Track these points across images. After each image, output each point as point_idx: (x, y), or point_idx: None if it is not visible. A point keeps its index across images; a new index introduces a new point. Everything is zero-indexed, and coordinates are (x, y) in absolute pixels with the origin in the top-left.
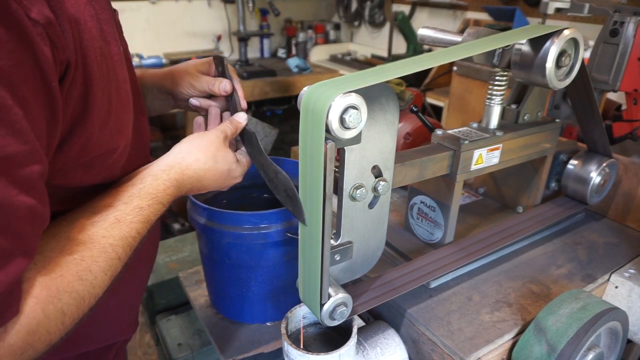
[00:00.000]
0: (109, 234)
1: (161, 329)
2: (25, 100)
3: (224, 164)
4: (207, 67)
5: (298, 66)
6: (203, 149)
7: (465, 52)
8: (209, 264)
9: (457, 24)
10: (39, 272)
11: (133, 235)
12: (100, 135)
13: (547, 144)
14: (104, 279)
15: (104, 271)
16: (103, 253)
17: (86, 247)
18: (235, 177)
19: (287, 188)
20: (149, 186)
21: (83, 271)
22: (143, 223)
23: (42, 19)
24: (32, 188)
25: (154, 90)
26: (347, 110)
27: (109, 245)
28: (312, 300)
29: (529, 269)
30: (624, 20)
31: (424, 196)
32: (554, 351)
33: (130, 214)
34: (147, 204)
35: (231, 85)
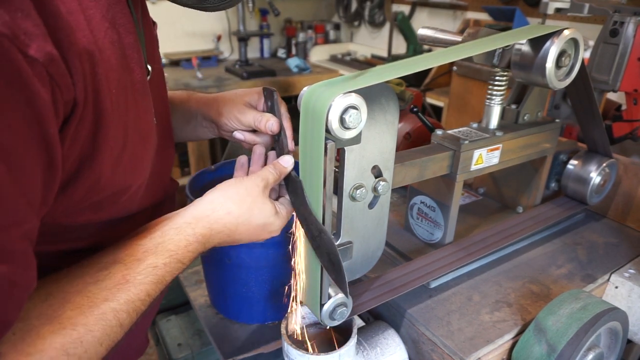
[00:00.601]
0: (112, 297)
1: (161, 329)
2: (13, 151)
3: (260, 218)
4: (256, 98)
5: (298, 66)
6: (238, 199)
7: (465, 52)
8: (209, 264)
9: (457, 24)
10: (15, 347)
11: (142, 299)
12: (111, 174)
13: (547, 144)
14: (98, 351)
15: (100, 342)
16: (101, 320)
17: (82, 313)
18: (272, 232)
19: (330, 252)
20: (169, 241)
21: (71, 344)
22: (155, 284)
23: (43, 56)
24: (11, 253)
25: (199, 116)
26: (347, 110)
27: (110, 311)
28: (312, 300)
29: (529, 269)
30: (624, 20)
31: (424, 196)
32: (554, 351)
33: (142, 274)
34: (164, 262)
35: (279, 124)
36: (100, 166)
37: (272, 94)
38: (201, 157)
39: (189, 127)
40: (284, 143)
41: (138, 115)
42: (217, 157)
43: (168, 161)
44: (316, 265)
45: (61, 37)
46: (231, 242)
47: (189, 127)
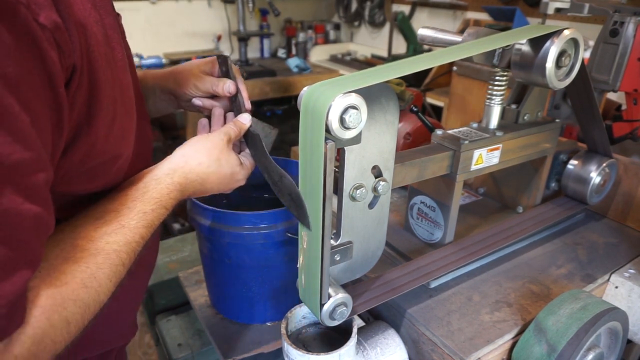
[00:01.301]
0: (113, 240)
1: (161, 329)
2: (32, 106)
3: (227, 167)
4: (211, 66)
5: (298, 66)
6: (206, 152)
7: (465, 52)
8: (209, 264)
9: (457, 24)
10: (44, 281)
11: (137, 241)
12: (104, 141)
13: (547, 144)
14: (108, 286)
15: (109, 278)
16: (107, 259)
17: (90, 253)
18: (238, 180)
19: (291, 192)
20: (153, 190)
21: (88, 278)
22: (147, 228)
23: (50, 23)
24: (37, 196)
25: (157, 90)
26: (347, 110)
27: (113, 252)
28: (312, 300)
29: (529, 269)
30: (624, 20)
31: (424, 196)
32: (554, 351)
33: (134, 219)
34: (151, 208)
35: (235, 86)
36: (96, 132)
37: (226, 60)
38: None
39: (148, 103)
40: (241, 103)
41: (122, 90)
42: None
43: (147, 139)
44: (316, 265)
45: (62, 9)
46: (204, 190)
47: (148, 103)
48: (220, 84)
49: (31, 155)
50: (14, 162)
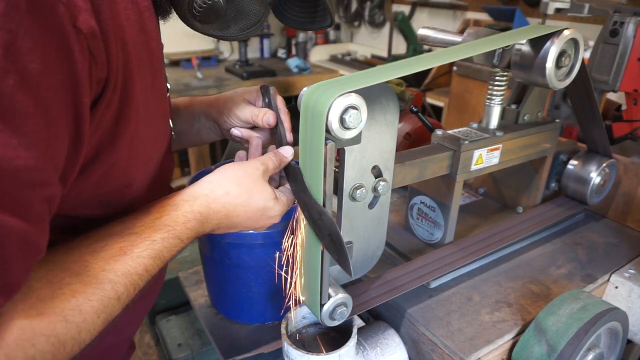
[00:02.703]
0: (110, 268)
1: (161, 329)
2: (49, 111)
3: (259, 200)
4: (255, 96)
5: (298, 66)
6: (237, 180)
7: (465, 52)
8: (209, 264)
9: (457, 24)
10: (16, 307)
11: (139, 273)
12: (124, 166)
13: (547, 144)
14: (95, 323)
15: (97, 313)
16: (99, 290)
17: (80, 280)
18: (271, 217)
19: (331, 232)
20: (167, 217)
21: (70, 311)
22: (153, 259)
23: (87, 29)
24: (29, 212)
25: (201, 118)
26: (347, 111)
27: (108, 282)
28: (312, 300)
29: (529, 269)
30: (624, 20)
31: (424, 196)
32: (554, 351)
33: (139, 247)
34: (161, 237)
35: (275, 118)
36: (117, 154)
37: (268, 90)
38: (201, 157)
39: (192, 130)
40: (282, 135)
41: (157, 118)
42: (217, 157)
43: (169, 167)
44: (316, 265)
45: (103, 18)
46: (230, 225)
47: (192, 130)
48: (260, 115)
49: (36, 164)
50: (13, 169)
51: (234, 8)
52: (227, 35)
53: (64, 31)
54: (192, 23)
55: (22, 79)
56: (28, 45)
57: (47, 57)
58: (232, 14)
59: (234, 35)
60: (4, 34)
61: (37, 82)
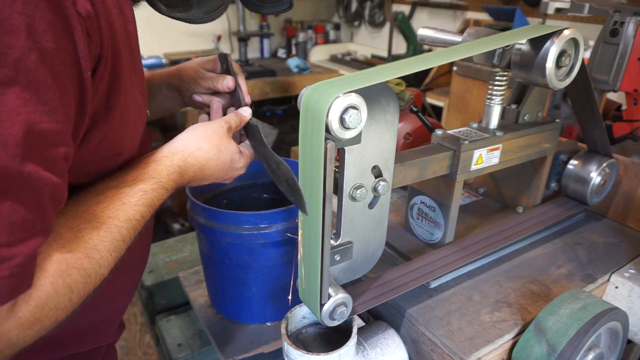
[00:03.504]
0: (114, 215)
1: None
2: (63, 83)
3: (226, 154)
4: (213, 64)
5: (298, 66)
6: (206, 138)
7: (465, 52)
8: (209, 264)
9: (457, 24)
10: (50, 246)
11: (137, 218)
12: (117, 135)
13: (547, 144)
14: (109, 259)
15: (109, 251)
16: (109, 233)
17: (93, 226)
18: (238, 169)
19: (288, 178)
20: (152, 170)
21: (90, 249)
22: (147, 207)
23: (85, 12)
24: (56, 167)
25: (163, 88)
26: (347, 110)
27: (114, 226)
28: (312, 300)
29: (529, 269)
30: (624, 20)
31: (424, 196)
32: (554, 351)
33: (135, 197)
34: (151, 187)
35: (234, 82)
36: (111, 123)
37: (226, 58)
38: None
39: (155, 101)
40: (241, 97)
41: (138, 93)
42: None
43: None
44: (316, 265)
45: (94, 3)
46: (203, 176)
47: (155, 101)
48: (220, 80)
49: (57, 127)
50: (42, 131)
51: None
52: (192, 18)
53: (69, 14)
54: (158, 7)
55: (41, 55)
56: (43, 27)
57: (57, 37)
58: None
59: (198, 17)
60: (25, 18)
61: (52, 58)
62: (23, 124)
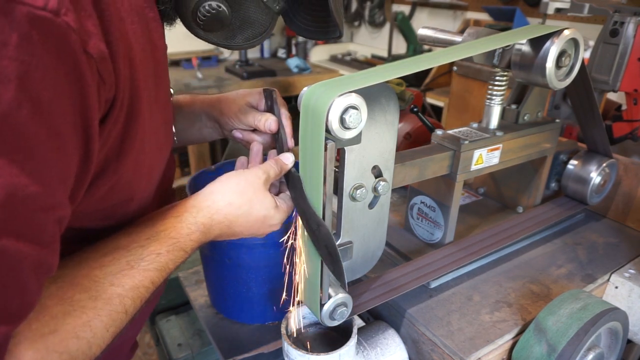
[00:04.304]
0: (118, 282)
1: (161, 329)
2: (60, 136)
3: (260, 210)
4: (257, 98)
5: (298, 66)
6: (239, 192)
7: (465, 52)
8: (209, 264)
9: (457, 24)
10: (30, 324)
11: (146, 285)
12: (130, 179)
13: (547, 144)
14: (104, 337)
15: (106, 327)
16: (108, 305)
17: (90, 296)
18: (272, 225)
19: (328, 244)
20: (171, 229)
21: (81, 327)
22: (159, 271)
23: (97, 53)
24: (43, 235)
25: (203, 117)
26: (347, 110)
27: (116, 296)
28: (312, 300)
29: (529, 269)
30: (624, 20)
31: (424, 196)
32: (554, 351)
33: (146, 260)
34: (167, 249)
35: (277, 124)
36: (124, 168)
37: (272, 94)
38: (201, 157)
39: (193, 129)
40: (284, 141)
41: (159, 126)
42: (217, 157)
43: (171, 171)
44: (316, 265)
45: (112, 40)
46: (231, 234)
47: (193, 129)
48: (262, 119)
49: (47, 190)
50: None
51: (239, 17)
52: (231, 45)
53: (75, 57)
54: (196, 31)
55: (34, 108)
56: (41, 74)
57: (58, 83)
58: (237, 23)
59: (238, 44)
60: (17, 65)
61: (49, 109)
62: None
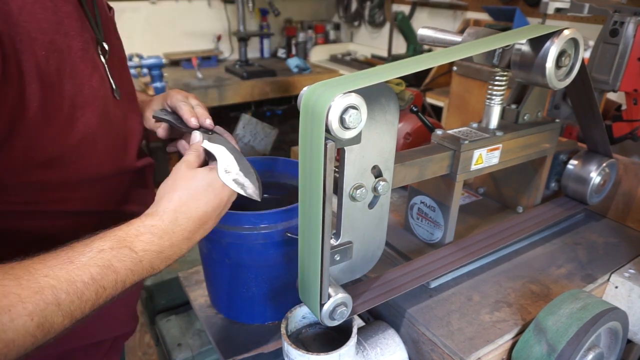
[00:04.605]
0: (53, 274)
1: (161, 329)
2: None
3: (198, 183)
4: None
5: (298, 66)
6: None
7: (465, 52)
8: (209, 264)
9: (457, 24)
10: None
11: (84, 281)
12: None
13: (547, 144)
14: (25, 324)
15: (30, 316)
16: (37, 294)
17: (19, 284)
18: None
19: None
20: (118, 230)
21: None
22: (101, 268)
23: None
24: None
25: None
26: (347, 110)
27: (48, 287)
28: (312, 300)
29: (528, 269)
30: (624, 20)
31: (424, 196)
32: (554, 351)
33: (87, 256)
34: (110, 245)
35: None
36: (33, 123)
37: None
38: None
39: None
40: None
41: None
42: None
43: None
44: (316, 265)
45: None
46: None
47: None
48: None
49: None
50: None
51: None
52: None
53: None
54: None
55: None
56: None
57: None
58: None
59: None
60: None
61: None
62: None
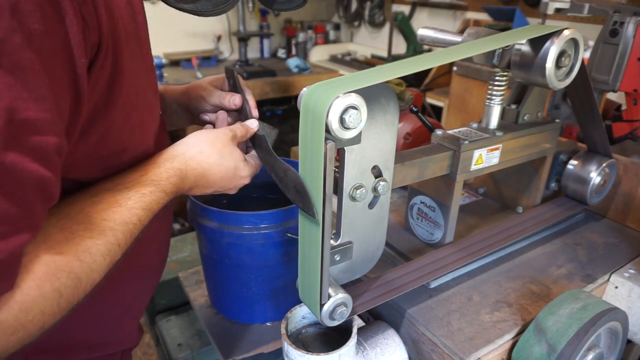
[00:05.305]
0: (108, 217)
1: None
2: (51, 71)
3: (230, 161)
4: (221, 82)
5: (298, 66)
6: (209, 142)
7: (465, 52)
8: (209, 264)
9: (457, 24)
10: (39, 247)
11: (134, 222)
12: (121, 129)
13: (547, 144)
14: (102, 264)
15: (103, 255)
16: (102, 236)
17: (86, 227)
18: (242, 177)
19: (296, 184)
20: (151, 173)
21: (82, 252)
22: (144, 210)
23: None
24: (45, 159)
25: (173, 105)
26: (347, 110)
27: (108, 229)
28: (312, 300)
29: (529, 269)
30: (624, 20)
31: (424, 196)
32: (554, 351)
33: (132, 199)
34: (149, 190)
35: (241, 99)
36: (113, 116)
37: (233, 73)
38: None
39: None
40: (248, 111)
41: (145, 85)
42: None
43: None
44: (316, 265)
45: None
46: (205, 183)
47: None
48: (227, 97)
49: (45, 116)
50: (26, 119)
51: None
52: (200, 10)
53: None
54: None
55: (27, 38)
56: (30, 8)
57: (45, 19)
58: None
59: (207, 10)
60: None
61: (40, 42)
62: (5, 110)
